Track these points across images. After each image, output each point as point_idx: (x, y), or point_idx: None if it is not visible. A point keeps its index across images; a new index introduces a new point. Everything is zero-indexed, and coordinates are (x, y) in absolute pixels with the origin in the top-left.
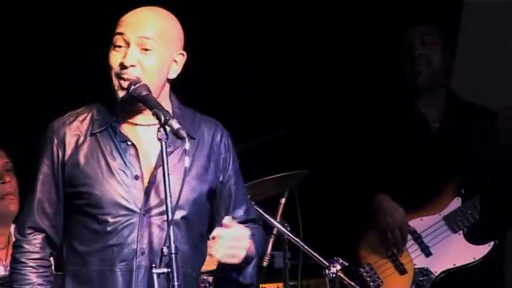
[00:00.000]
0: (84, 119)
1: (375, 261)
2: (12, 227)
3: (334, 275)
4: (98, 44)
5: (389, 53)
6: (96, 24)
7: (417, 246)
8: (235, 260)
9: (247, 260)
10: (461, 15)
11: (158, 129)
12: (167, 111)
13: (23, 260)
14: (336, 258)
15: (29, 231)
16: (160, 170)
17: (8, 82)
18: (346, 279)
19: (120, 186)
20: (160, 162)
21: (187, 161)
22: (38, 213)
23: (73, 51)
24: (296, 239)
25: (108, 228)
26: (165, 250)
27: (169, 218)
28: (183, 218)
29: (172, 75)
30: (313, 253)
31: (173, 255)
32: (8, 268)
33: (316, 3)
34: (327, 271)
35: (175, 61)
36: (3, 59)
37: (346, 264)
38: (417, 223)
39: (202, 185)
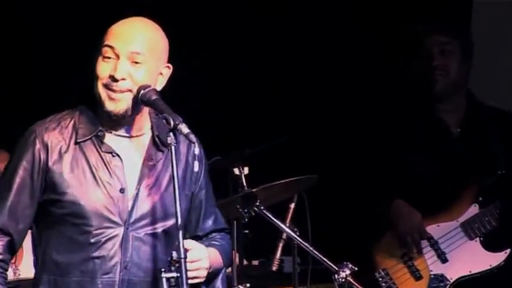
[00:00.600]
0: (67, 126)
1: (390, 266)
2: None
3: (343, 280)
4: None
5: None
6: (95, 24)
7: (433, 253)
8: (198, 280)
9: (214, 273)
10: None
11: (167, 133)
12: (176, 115)
13: None
14: (345, 262)
15: None
16: (144, 182)
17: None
18: (356, 284)
19: (105, 198)
20: (145, 170)
21: (196, 165)
22: (9, 217)
23: (73, 51)
24: (305, 243)
25: (91, 240)
26: (174, 254)
27: (179, 222)
28: (163, 230)
29: (159, 87)
30: (323, 258)
31: (182, 260)
32: (18, 272)
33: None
34: (336, 276)
35: (161, 74)
36: (3, 61)
37: (356, 268)
38: (434, 229)
39: (183, 196)
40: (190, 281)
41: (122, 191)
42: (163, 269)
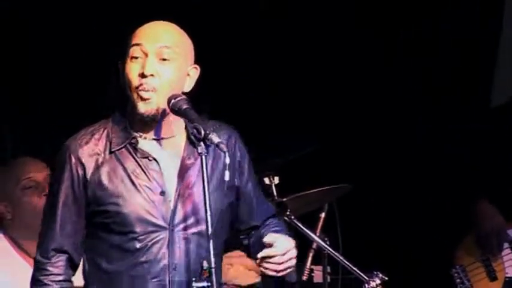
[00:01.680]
0: (100, 138)
1: (468, 263)
2: None
3: None
4: (100, 48)
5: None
6: (96, 25)
7: None
8: (290, 270)
9: None
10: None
11: (198, 143)
12: (207, 124)
13: (48, 282)
14: (375, 272)
15: (52, 253)
16: (184, 182)
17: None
18: None
19: (146, 203)
20: (183, 171)
21: (227, 175)
22: (61, 235)
23: (74, 53)
24: (336, 253)
25: (138, 246)
26: (205, 264)
27: (209, 231)
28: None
29: (187, 88)
30: (353, 267)
31: (213, 270)
32: None
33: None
34: (366, 285)
35: (189, 75)
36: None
37: (386, 278)
38: None
39: (224, 194)
40: (283, 273)
41: (162, 193)
42: (194, 278)
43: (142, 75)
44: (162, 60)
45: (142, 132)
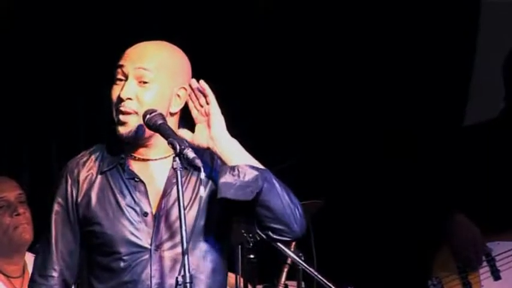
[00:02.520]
0: (96, 158)
1: (444, 276)
2: (27, 255)
3: None
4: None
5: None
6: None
7: (488, 269)
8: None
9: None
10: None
11: (174, 158)
12: (182, 140)
13: None
14: (349, 286)
15: (49, 272)
16: (165, 202)
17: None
18: None
19: (130, 224)
20: (167, 192)
21: (202, 190)
22: (56, 255)
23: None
24: (310, 268)
25: (122, 265)
26: (180, 279)
27: (184, 246)
28: (197, 247)
29: (174, 109)
30: (327, 283)
31: (188, 285)
32: None
33: None
34: None
35: (178, 95)
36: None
37: None
38: (494, 246)
39: (216, 209)
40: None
41: (145, 214)
42: None
43: (120, 99)
44: (142, 83)
45: (133, 153)
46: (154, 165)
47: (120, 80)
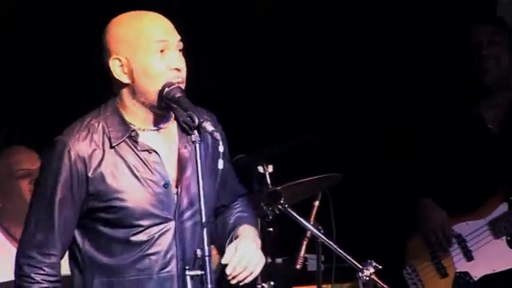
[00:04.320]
0: (96, 132)
1: (418, 263)
2: None
3: (367, 278)
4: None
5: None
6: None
7: (460, 250)
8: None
9: None
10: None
11: (192, 131)
12: (201, 113)
13: (41, 280)
14: (369, 261)
15: (51, 251)
16: (184, 172)
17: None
18: (380, 282)
19: (151, 196)
20: (182, 162)
21: (221, 163)
22: (59, 236)
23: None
24: (329, 241)
25: (145, 238)
26: (199, 252)
27: (203, 220)
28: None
29: None
30: (347, 256)
31: (207, 258)
32: None
33: None
34: (360, 274)
35: None
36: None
37: (380, 267)
38: (463, 227)
39: (214, 181)
40: (251, 278)
41: (166, 185)
42: (187, 267)
43: (178, 70)
44: (180, 52)
45: (139, 124)
46: (161, 134)
47: (162, 51)
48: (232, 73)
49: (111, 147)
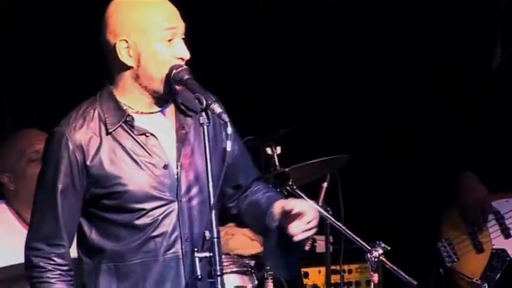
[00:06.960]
0: (92, 119)
1: (454, 236)
2: None
3: (376, 259)
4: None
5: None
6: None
7: (498, 227)
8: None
9: None
10: None
11: (200, 113)
12: (209, 94)
13: (52, 268)
14: (377, 242)
15: (59, 241)
16: (183, 153)
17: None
18: (388, 263)
19: (152, 179)
20: (180, 143)
21: (229, 145)
22: (64, 227)
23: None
24: (338, 223)
25: (148, 221)
26: (207, 234)
27: (212, 201)
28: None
29: None
30: (355, 237)
31: (215, 240)
32: None
33: None
34: (369, 255)
35: None
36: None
37: (388, 248)
38: (503, 204)
39: (218, 161)
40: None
41: (165, 167)
42: (196, 249)
43: (183, 60)
44: (183, 40)
45: (137, 107)
46: (157, 116)
47: (170, 39)
48: (232, 73)
49: (108, 133)
